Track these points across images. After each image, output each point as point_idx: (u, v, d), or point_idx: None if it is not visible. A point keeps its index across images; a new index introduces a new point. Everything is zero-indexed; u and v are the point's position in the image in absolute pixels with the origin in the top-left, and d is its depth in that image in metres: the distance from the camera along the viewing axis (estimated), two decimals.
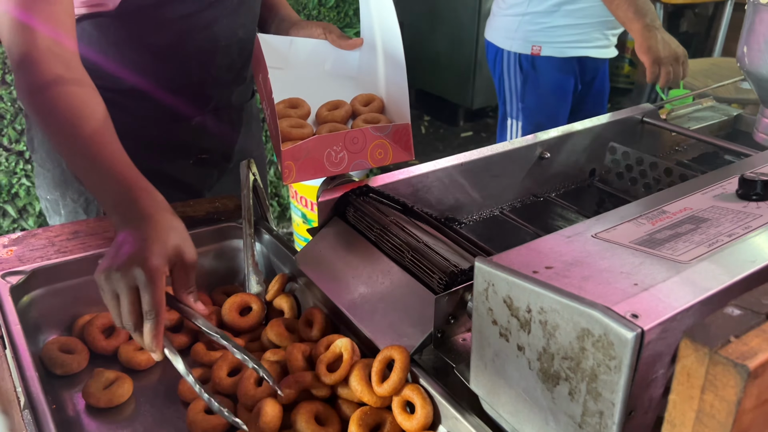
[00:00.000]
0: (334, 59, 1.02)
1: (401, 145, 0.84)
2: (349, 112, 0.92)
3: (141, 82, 0.98)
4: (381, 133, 0.83)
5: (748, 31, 1.01)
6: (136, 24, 0.93)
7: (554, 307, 0.49)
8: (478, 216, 1.01)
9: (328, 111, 0.92)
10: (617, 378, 0.46)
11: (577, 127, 1.08)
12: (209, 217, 0.98)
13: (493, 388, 0.59)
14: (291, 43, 1.01)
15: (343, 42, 1.00)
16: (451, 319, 0.69)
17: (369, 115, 0.91)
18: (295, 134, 0.85)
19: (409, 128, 0.84)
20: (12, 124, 2.14)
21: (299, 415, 0.68)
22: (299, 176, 0.81)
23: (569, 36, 1.85)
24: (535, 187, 1.07)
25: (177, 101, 1.02)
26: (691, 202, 0.64)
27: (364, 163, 0.83)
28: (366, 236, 0.83)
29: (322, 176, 0.83)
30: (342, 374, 0.69)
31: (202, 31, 0.97)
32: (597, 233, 0.59)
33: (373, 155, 0.83)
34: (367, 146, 0.82)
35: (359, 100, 0.94)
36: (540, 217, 1.03)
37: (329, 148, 0.81)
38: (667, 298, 0.48)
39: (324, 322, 0.79)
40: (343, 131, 0.83)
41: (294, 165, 0.80)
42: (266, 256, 0.96)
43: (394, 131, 0.83)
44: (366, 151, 0.82)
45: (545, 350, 0.52)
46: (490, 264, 0.55)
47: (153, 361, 0.81)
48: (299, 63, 1.01)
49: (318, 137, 0.81)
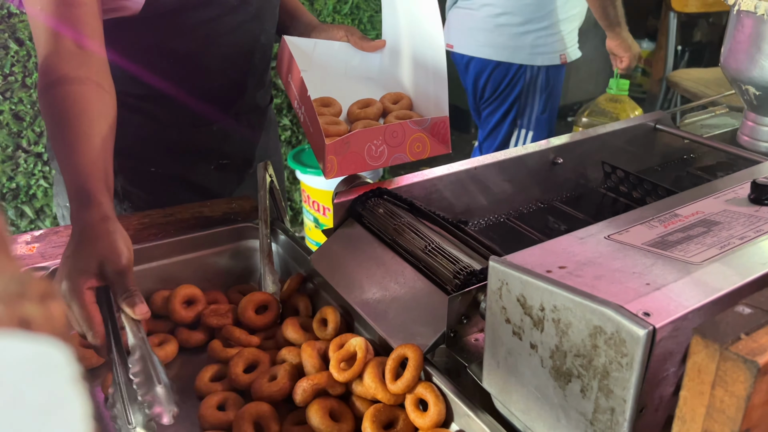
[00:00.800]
0: (358, 61, 1.03)
1: (439, 138, 0.85)
2: (380, 110, 0.94)
3: (164, 87, 1.00)
4: (419, 126, 0.84)
5: (730, 37, 1.03)
6: (159, 29, 0.95)
7: (567, 306, 0.51)
8: (490, 219, 1.02)
9: (359, 109, 0.93)
10: (629, 375, 0.47)
11: (590, 133, 1.09)
12: (226, 217, 1.00)
13: (505, 386, 0.60)
14: (315, 45, 1.03)
15: (365, 44, 1.01)
16: (464, 319, 0.71)
17: (400, 112, 0.92)
18: (332, 131, 0.87)
19: (447, 121, 0.85)
20: (31, 127, 2.17)
21: (314, 411, 0.69)
22: (341, 170, 0.82)
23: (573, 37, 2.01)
24: (548, 192, 1.08)
25: (199, 106, 1.04)
26: (704, 206, 0.65)
27: (403, 157, 0.84)
28: (380, 237, 0.84)
29: (363, 170, 0.84)
30: (356, 371, 0.70)
31: (224, 37, 0.99)
32: (610, 235, 0.60)
33: (412, 149, 0.84)
34: (406, 140, 0.83)
35: (388, 99, 0.95)
36: (550, 221, 1.04)
37: (369, 142, 0.82)
38: (679, 297, 0.49)
39: (338, 321, 0.81)
40: (383, 125, 0.84)
41: (336, 159, 0.81)
42: (282, 256, 0.98)
43: (432, 124, 0.84)
44: (405, 144, 0.83)
45: (558, 348, 0.53)
46: (504, 263, 0.56)
47: (170, 357, 0.83)
48: (323, 65, 1.03)
49: (359, 131, 0.82)
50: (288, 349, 0.79)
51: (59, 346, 0.13)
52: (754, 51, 1.00)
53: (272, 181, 0.94)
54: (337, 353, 0.73)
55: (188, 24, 0.95)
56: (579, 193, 1.11)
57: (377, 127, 0.83)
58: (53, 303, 0.13)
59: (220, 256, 0.97)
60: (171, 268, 0.93)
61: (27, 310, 0.13)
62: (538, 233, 0.99)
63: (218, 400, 0.74)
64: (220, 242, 0.97)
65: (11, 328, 0.13)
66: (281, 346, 0.82)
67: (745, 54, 1.02)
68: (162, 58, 0.98)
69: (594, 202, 1.09)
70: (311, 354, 0.75)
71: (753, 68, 1.01)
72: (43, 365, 0.13)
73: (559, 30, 1.93)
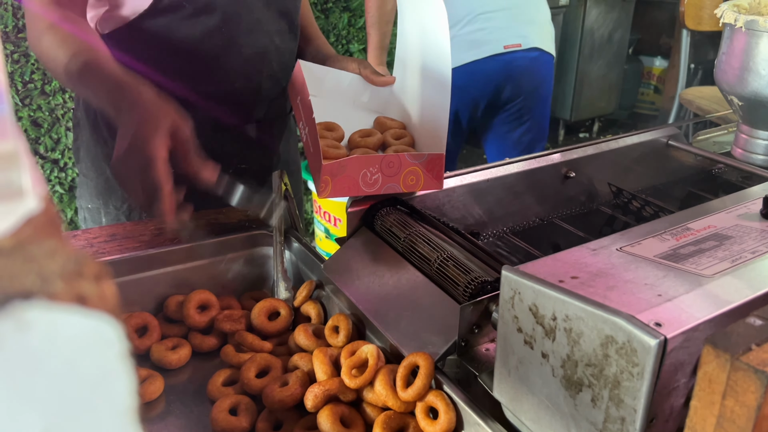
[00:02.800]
0: (368, 95, 1.05)
1: (433, 174, 0.87)
2: (380, 141, 0.96)
3: (184, 89, 1.02)
4: (416, 160, 0.86)
5: (724, 53, 1.05)
6: (179, 28, 0.97)
7: (579, 315, 0.51)
8: (501, 231, 1.03)
9: (360, 137, 0.95)
10: (640, 385, 0.47)
11: (602, 147, 1.10)
12: (241, 224, 1.02)
13: (516, 395, 0.61)
14: (327, 72, 1.05)
15: (376, 78, 1.03)
16: (475, 328, 0.71)
17: (400, 147, 0.94)
18: (331, 154, 0.89)
19: (443, 159, 0.87)
20: (48, 133, 2.21)
21: (325, 417, 0.70)
22: (334, 192, 0.83)
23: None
24: (559, 205, 1.08)
25: (219, 111, 1.06)
26: (715, 220, 0.65)
27: (395, 187, 0.86)
28: (393, 246, 0.85)
29: (355, 194, 0.86)
30: (367, 378, 0.71)
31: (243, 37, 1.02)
32: (622, 247, 0.60)
33: (406, 181, 0.86)
34: (401, 171, 0.85)
35: (391, 134, 0.97)
36: (563, 234, 1.04)
37: (366, 169, 0.84)
38: (690, 308, 0.49)
39: (350, 328, 0.81)
40: (381, 154, 0.86)
41: (331, 180, 0.83)
42: (295, 263, 0.99)
43: (428, 160, 0.86)
44: (399, 175, 0.85)
45: (569, 357, 0.53)
46: (516, 272, 0.57)
47: (183, 361, 0.84)
48: (333, 92, 1.05)
49: (357, 157, 0.84)
50: (300, 355, 0.80)
51: (111, 323, 0.14)
52: (736, 63, 1.02)
53: (287, 189, 0.96)
54: (349, 360, 0.74)
55: (209, 23, 0.98)
56: (589, 207, 1.11)
57: (375, 156, 0.85)
58: (106, 282, 0.14)
59: (235, 263, 0.98)
60: (186, 273, 0.94)
61: (83, 287, 0.14)
62: (549, 245, 1.00)
63: (230, 403, 0.75)
64: (235, 249, 0.98)
65: (70, 303, 0.14)
66: (293, 352, 0.83)
67: (729, 66, 1.04)
68: (183, 59, 1.00)
69: (604, 215, 1.10)
70: (323, 360, 0.75)
71: (736, 79, 1.03)
72: (97, 340, 0.14)
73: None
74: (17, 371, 0.13)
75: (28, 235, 0.15)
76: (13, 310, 0.13)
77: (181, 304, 0.89)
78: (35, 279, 0.14)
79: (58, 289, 0.13)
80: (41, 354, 0.13)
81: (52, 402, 0.14)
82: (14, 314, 0.13)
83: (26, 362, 0.13)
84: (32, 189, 0.17)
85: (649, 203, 1.01)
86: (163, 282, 0.92)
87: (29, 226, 0.15)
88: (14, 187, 0.17)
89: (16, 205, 0.16)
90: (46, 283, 0.14)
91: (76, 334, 0.14)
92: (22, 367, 0.13)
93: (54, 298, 0.13)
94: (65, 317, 0.14)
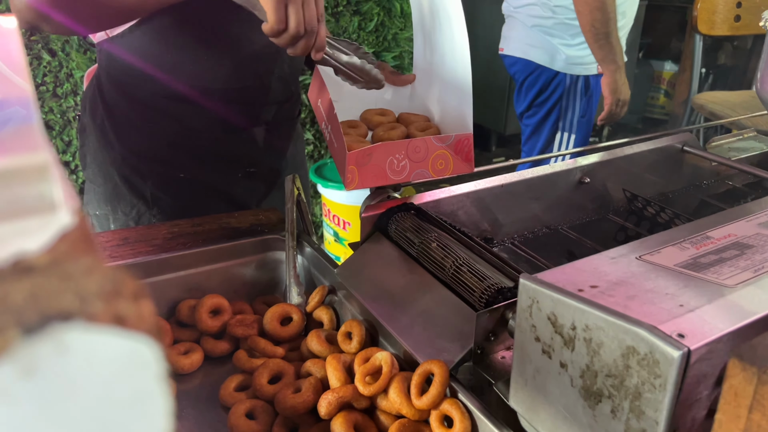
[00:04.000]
0: (390, 94, 1.05)
1: (462, 156, 0.85)
2: (404, 134, 0.95)
3: (194, 90, 1.01)
4: (443, 143, 0.84)
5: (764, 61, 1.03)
6: (190, 31, 0.97)
7: (599, 325, 0.50)
8: (515, 237, 1.02)
9: (384, 132, 0.95)
10: (662, 396, 0.47)
11: (617, 153, 1.09)
12: (253, 228, 1.01)
13: (532, 404, 0.60)
14: None
15: (395, 78, 1.03)
16: (491, 336, 0.70)
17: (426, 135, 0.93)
18: (356, 147, 0.88)
19: (471, 139, 0.85)
20: (60, 135, 2.21)
21: (338, 424, 0.69)
22: (362, 182, 0.82)
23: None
24: (574, 211, 1.08)
25: (229, 112, 1.05)
26: (735, 228, 0.64)
27: (425, 173, 0.84)
28: (406, 251, 0.85)
29: (384, 183, 0.84)
30: (381, 385, 0.70)
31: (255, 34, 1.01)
32: (641, 255, 0.59)
33: (434, 166, 0.84)
34: (429, 156, 0.84)
35: (415, 126, 0.96)
36: (577, 241, 1.04)
37: (392, 156, 0.82)
38: (713, 319, 0.48)
39: (363, 334, 0.81)
40: (406, 140, 0.84)
41: (357, 170, 0.81)
42: (307, 268, 0.98)
43: (456, 141, 0.84)
44: (428, 160, 0.83)
45: (588, 367, 0.52)
46: (535, 281, 0.56)
47: (195, 366, 0.83)
48: (354, 94, 1.05)
49: (382, 144, 0.82)
50: (312, 362, 0.79)
51: (150, 344, 0.14)
52: None
53: (300, 193, 0.95)
54: (363, 367, 0.73)
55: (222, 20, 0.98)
56: (604, 214, 1.10)
57: (400, 141, 0.84)
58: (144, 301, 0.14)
59: (246, 267, 0.98)
60: (198, 277, 0.94)
61: (122, 307, 0.14)
62: (564, 252, 0.99)
63: (245, 408, 0.74)
64: (247, 253, 0.98)
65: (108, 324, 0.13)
66: (305, 358, 0.83)
67: None
68: (193, 57, 1.00)
69: (619, 223, 1.09)
70: (336, 367, 0.75)
71: None
72: (134, 361, 0.14)
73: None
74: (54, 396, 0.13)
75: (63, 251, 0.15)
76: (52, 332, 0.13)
77: (194, 309, 0.88)
78: (73, 299, 0.13)
79: (97, 310, 0.13)
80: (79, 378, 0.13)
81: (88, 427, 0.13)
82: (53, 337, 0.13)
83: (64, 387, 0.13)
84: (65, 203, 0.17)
85: (665, 209, 1.00)
86: (175, 286, 0.92)
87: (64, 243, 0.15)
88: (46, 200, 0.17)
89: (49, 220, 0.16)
90: (84, 303, 0.13)
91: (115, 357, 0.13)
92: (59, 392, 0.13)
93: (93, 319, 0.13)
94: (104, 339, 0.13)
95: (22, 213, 0.16)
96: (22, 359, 0.12)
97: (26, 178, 0.17)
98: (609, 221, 1.09)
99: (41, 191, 0.16)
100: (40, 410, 0.13)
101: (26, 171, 0.17)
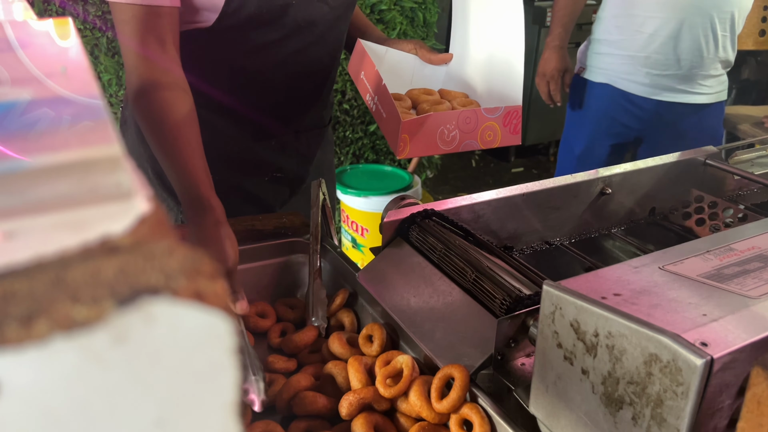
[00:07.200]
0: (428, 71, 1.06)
1: (510, 128, 0.86)
2: (450, 108, 0.96)
3: (228, 100, 1.03)
4: (492, 115, 0.85)
5: None
6: (228, 45, 0.99)
7: (622, 332, 0.51)
8: (535, 246, 1.03)
9: (429, 106, 0.96)
10: (684, 404, 0.47)
11: (640, 165, 1.10)
12: (276, 231, 1.03)
13: (553, 410, 0.61)
14: (387, 51, 1.06)
15: (433, 57, 1.05)
16: (512, 342, 0.71)
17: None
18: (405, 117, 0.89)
19: (520, 111, 0.86)
20: None
21: (359, 425, 0.70)
22: (413, 150, 0.83)
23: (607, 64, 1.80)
24: (594, 222, 1.08)
25: (261, 121, 1.07)
26: (759, 241, 0.64)
27: (473, 144, 0.86)
28: (428, 257, 0.86)
29: (434, 153, 0.86)
30: (402, 388, 0.71)
31: (291, 57, 1.03)
32: (664, 265, 0.60)
33: (483, 137, 0.86)
34: (478, 127, 0.85)
35: (459, 102, 0.97)
36: (597, 251, 1.04)
37: (443, 126, 0.83)
38: (737, 329, 0.49)
39: (384, 338, 0.82)
40: (457, 110, 0.85)
41: (409, 138, 0.82)
42: (329, 271, 0.99)
43: (505, 114, 0.85)
44: (477, 131, 0.84)
45: (610, 374, 0.53)
46: (558, 288, 0.57)
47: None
48: (393, 70, 1.06)
49: (434, 114, 0.84)
50: (334, 363, 0.80)
51: (224, 319, 0.15)
52: None
53: (325, 198, 0.97)
54: (384, 369, 0.74)
55: (256, 43, 0.99)
56: (625, 225, 1.11)
57: (452, 112, 0.85)
58: (219, 281, 0.15)
59: (269, 270, 0.99)
60: None
61: (201, 285, 0.15)
62: (584, 262, 0.99)
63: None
64: (270, 256, 0.99)
65: (189, 299, 0.15)
66: (326, 360, 0.84)
67: None
68: (228, 74, 1.02)
69: (639, 234, 1.09)
70: (358, 369, 0.76)
71: None
72: (212, 335, 0.15)
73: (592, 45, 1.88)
74: (141, 362, 0.14)
75: (144, 234, 0.16)
76: (141, 304, 0.14)
77: None
78: (159, 275, 0.15)
79: (180, 286, 0.14)
80: (164, 347, 0.14)
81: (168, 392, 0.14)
82: (142, 308, 0.14)
83: (149, 354, 0.14)
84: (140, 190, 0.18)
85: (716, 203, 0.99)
86: None
87: (144, 226, 0.16)
88: (123, 188, 0.18)
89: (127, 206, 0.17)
90: (169, 280, 0.14)
91: (196, 330, 0.14)
92: (145, 358, 0.14)
93: (176, 294, 0.14)
94: (187, 313, 0.14)
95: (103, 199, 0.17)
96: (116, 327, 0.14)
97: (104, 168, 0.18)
98: (630, 232, 1.10)
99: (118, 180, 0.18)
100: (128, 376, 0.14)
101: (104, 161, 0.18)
